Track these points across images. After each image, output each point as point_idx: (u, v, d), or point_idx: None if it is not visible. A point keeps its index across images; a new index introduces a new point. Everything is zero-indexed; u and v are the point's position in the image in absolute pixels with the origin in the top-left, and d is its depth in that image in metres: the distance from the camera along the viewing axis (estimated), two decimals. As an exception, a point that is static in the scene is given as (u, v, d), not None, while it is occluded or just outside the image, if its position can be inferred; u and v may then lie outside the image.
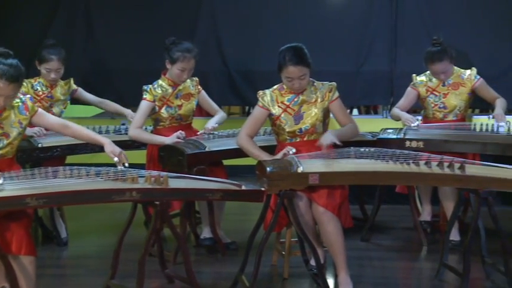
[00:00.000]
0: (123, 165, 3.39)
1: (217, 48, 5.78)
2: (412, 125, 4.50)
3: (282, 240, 4.06)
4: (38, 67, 4.63)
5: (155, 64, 4.77)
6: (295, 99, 3.80)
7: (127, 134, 4.44)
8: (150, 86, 4.33)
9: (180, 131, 4.26)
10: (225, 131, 4.45)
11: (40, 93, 4.65)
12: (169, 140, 4.22)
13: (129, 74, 5.78)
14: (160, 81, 4.37)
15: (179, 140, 4.21)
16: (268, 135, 4.38)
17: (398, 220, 5.02)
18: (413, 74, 4.70)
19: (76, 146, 4.36)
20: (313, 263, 3.76)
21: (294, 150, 3.66)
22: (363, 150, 3.71)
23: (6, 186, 3.06)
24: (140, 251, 3.44)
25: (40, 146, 4.37)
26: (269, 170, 3.44)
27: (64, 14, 5.84)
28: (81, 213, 5.11)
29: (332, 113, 3.87)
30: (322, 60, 5.24)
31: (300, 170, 3.45)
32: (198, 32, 5.73)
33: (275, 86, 3.86)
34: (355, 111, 7.05)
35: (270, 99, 3.82)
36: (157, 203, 3.37)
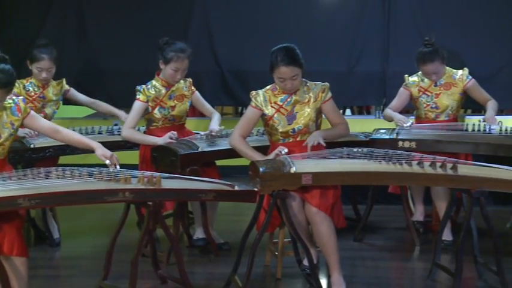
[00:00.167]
0: (115, 167, 3.40)
1: (210, 48, 5.78)
2: (404, 125, 4.51)
3: (275, 240, 4.06)
4: (30, 66, 4.61)
5: (148, 64, 4.76)
6: (288, 100, 3.81)
7: (119, 135, 4.43)
8: (143, 86, 4.33)
9: (172, 131, 4.26)
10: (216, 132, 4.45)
11: (32, 93, 4.63)
12: (162, 141, 4.22)
13: (122, 74, 5.76)
14: (153, 82, 4.36)
15: (172, 141, 4.21)
16: (261, 136, 4.38)
17: (391, 220, 5.03)
18: (406, 75, 4.72)
19: (68, 146, 4.34)
20: (306, 263, 3.76)
21: (286, 150, 3.66)
22: (355, 150, 3.71)
23: (-2, 187, 3.06)
24: (133, 252, 3.44)
25: (32, 146, 4.36)
26: (262, 170, 3.45)
27: (56, 14, 5.82)
28: (73, 214, 5.09)
29: (324, 113, 3.88)
30: (315, 60, 5.25)
31: (293, 170, 3.46)
32: (190, 32, 5.72)
33: (268, 86, 3.86)
34: (348, 112, 7.06)
35: (263, 100, 3.82)
36: (150, 203, 3.36)
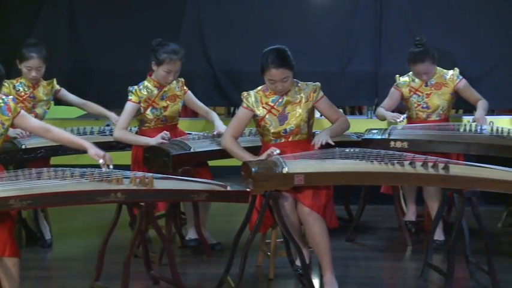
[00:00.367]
0: (108, 167, 3.39)
1: (201, 48, 5.77)
2: (398, 120, 4.53)
3: (267, 240, 4.07)
4: (19, 66, 4.59)
5: (139, 65, 4.76)
6: (280, 100, 3.81)
7: (111, 135, 4.42)
8: (135, 87, 4.32)
9: (164, 132, 4.25)
10: (210, 132, 4.45)
11: (22, 93, 4.62)
12: (154, 141, 4.21)
13: (113, 74, 5.75)
14: (145, 83, 4.35)
15: (164, 141, 4.20)
16: (253, 136, 4.38)
17: (383, 220, 5.04)
18: (397, 75, 4.73)
19: (60, 147, 4.33)
20: (298, 263, 3.77)
21: (278, 151, 3.66)
22: (347, 150, 3.72)
23: (-11, 188, 3.05)
24: (125, 253, 3.43)
25: (24, 147, 4.34)
26: (254, 170, 3.45)
27: (48, 14, 5.81)
28: (65, 215, 5.08)
29: (320, 112, 3.88)
30: (307, 60, 5.26)
31: (285, 170, 3.46)
32: (182, 33, 5.72)
33: (259, 87, 3.86)
34: (340, 112, 7.06)
35: (255, 100, 3.82)
36: (143, 204, 3.36)
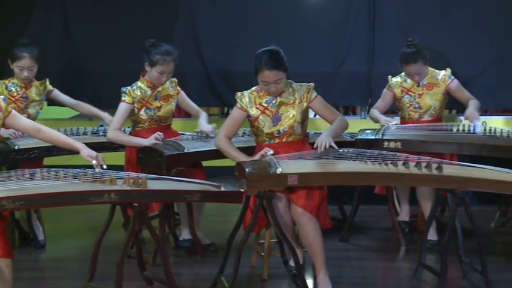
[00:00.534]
0: (101, 167, 3.39)
1: (195, 49, 5.77)
2: (390, 124, 4.54)
3: (261, 241, 4.07)
4: (11, 66, 4.57)
5: (132, 65, 4.75)
6: (273, 101, 3.80)
7: (105, 136, 4.41)
8: (128, 87, 4.31)
9: (158, 132, 4.25)
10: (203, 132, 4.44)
11: (15, 94, 4.60)
12: (148, 142, 4.20)
13: (106, 75, 5.75)
14: (139, 83, 4.35)
15: (158, 142, 4.20)
16: (247, 136, 4.38)
17: (377, 220, 5.05)
18: (389, 76, 4.74)
19: (54, 147, 4.31)
20: (292, 263, 3.77)
21: (271, 151, 3.66)
22: (341, 151, 3.72)
23: (-18, 189, 3.04)
24: (119, 253, 3.42)
25: (17, 148, 4.33)
26: (248, 171, 3.45)
27: (41, 14, 5.80)
28: (58, 216, 5.07)
29: (316, 112, 3.87)
30: (301, 61, 5.27)
31: (279, 171, 3.46)
32: (176, 33, 5.72)
33: (253, 88, 3.86)
34: (336, 110, 7.06)
35: (248, 101, 3.82)
36: (136, 204, 3.35)
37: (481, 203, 5.12)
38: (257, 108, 3.81)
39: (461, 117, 4.85)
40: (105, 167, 3.40)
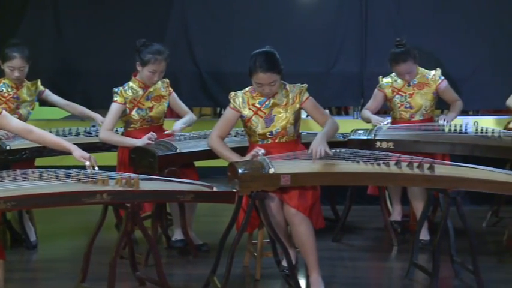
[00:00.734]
0: (93, 168, 3.38)
1: (187, 49, 5.77)
2: (382, 124, 4.55)
3: (253, 241, 4.07)
4: (1, 66, 4.56)
5: (124, 65, 4.74)
6: (266, 102, 3.80)
7: (97, 136, 4.40)
8: (120, 88, 4.30)
9: (151, 133, 4.24)
10: (196, 132, 4.44)
11: (6, 94, 4.58)
12: (141, 142, 4.20)
13: (98, 75, 5.74)
14: (130, 83, 4.34)
15: (150, 142, 4.19)
16: (239, 137, 4.38)
17: (369, 220, 5.06)
18: (380, 76, 4.74)
19: (45, 148, 4.29)
20: (285, 263, 3.77)
21: (263, 151, 3.66)
22: (333, 151, 3.72)
23: (-27, 190, 3.03)
24: (111, 254, 3.42)
25: (8, 148, 4.31)
26: (241, 171, 3.44)
27: (32, 14, 5.78)
28: (50, 216, 5.05)
29: (307, 113, 3.87)
30: (293, 61, 5.27)
31: (272, 171, 3.46)
32: (168, 33, 5.71)
33: (247, 88, 3.86)
34: (326, 112, 7.07)
35: (242, 101, 3.82)
36: (128, 205, 3.35)
37: (472, 203, 5.14)
38: (250, 109, 3.80)
39: (460, 118, 4.85)
40: (96, 168, 3.40)
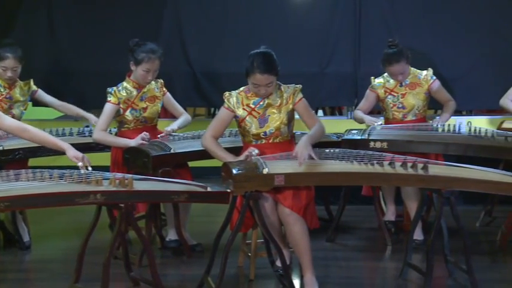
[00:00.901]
0: (87, 169, 3.37)
1: (181, 49, 5.77)
2: (376, 124, 4.56)
3: (248, 241, 4.07)
4: None
5: (118, 65, 4.74)
6: (261, 103, 3.80)
7: (91, 137, 4.40)
8: (114, 88, 4.29)
9: (144, 132, 4.23)
10: (190, 132, 4.44)
11: (-1, 94, 4.57)
12: (134, 142, 4.19)
13: (92, 75, 5.73)
14: (124, 83, 4.33)
15: (144, 142, 4.18)
16: (233, 137, 4.38)
17: (363, 220, 5.07)
18: (372, 77, 4.75)
19: (39, 148, 4.29)
20: (279, 264, 3.77)
21: (256, 151, 3.66)
22: (327, 151, 3.73)
23: (-34, 190, 3.02)
24: (105, 254, 3.41)
25: (1, 148, 4.30)
26: (235, 171, 3.44)
27: (26, 15, 5.76)
28: (44, 217, 5.04)
29: (298, 114, 3.88)
30: (287, 61, 5.25)
31: (266, 171, 3.46)
32: (162, 33, 5.70)
33: (241, 88, 3.86)
34: (320, 113, 7.09)
35: (236, 101, 3.81)
36: (122, 205, 3.34)
37: (466, 203, 5.15)
38: (244, 109, 3.80)
39: (453, 118, 4.87)
40: (90, 168, 3.39)
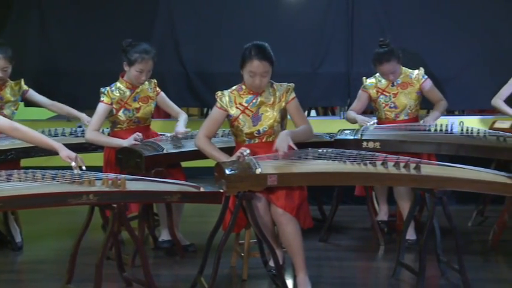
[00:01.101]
0: (80, 169, 3.37)
1: (174, 49, 5.77)
2: (368, 124, 4.56)
3: (241, 241, 4.07)
4: None
5: (110, 66, 4.73)
6: (254, 101, 3.81)
7: (83, 137, 4.39)
8: (107, 88, 4.29)
9: (137, 133, 4.23)
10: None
11: (-11, 94, 4.56)
12: (127, 143, 4.18)
13: (84, 75, 5.72)
14: (118, 84, 4.32)
15: (136, 142, 4.18)
16: (226, 137, 4.38)
17: (356, 220, 5.07)
18: (363, 77, 4.76)
19: (32, 148, 4.28)
20: (272, 264, 3.77)
21: (248, 151, 3.65)
22: (320, 151, 3.73)
23: (-42, 191, 3.00)
24: (97, 255, 3.40)
25: (-7, 149, 4.29)
26: (228, 171, 3.44)
27: (18, 15, 5.75)
28: (36, 217, 5.02)
29: (288, 113, 3.88)
30: (280, 61, 5.25)
31: (259, 171, 3.46)
32: (155, 33, 5.70)
33: (234, 87, 3.86)
34: (313, 113, 7.10)
35: (228, 100, 3.82)
36: (115, 205, 3.34)
37: (458, 203, 5.17)
38: (237, 107, 3.80)
39: (445, 118, 4.88)
40: (84, 168, 3.38)
